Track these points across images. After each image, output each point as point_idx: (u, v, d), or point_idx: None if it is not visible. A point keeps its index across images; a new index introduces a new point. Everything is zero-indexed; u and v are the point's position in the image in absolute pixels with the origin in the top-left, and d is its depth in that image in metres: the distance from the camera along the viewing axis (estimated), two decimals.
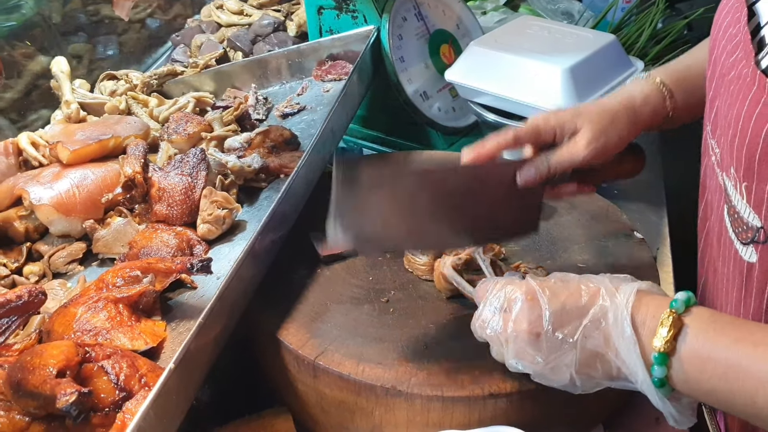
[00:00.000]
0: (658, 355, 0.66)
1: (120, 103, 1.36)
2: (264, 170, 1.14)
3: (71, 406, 0.64)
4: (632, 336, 0.68)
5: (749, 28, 0.70)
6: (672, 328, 0.66)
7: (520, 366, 0.73)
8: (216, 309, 0.79)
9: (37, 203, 1.07)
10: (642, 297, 0.70)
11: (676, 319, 0.66)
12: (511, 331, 0.73)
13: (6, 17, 1.57)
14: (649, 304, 0.69)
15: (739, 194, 0.70)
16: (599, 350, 0.70)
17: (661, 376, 0.66)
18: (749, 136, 0.66)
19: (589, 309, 0.71)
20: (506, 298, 0.75)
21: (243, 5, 1.82)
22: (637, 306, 0.69)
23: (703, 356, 0.64)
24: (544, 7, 1.76)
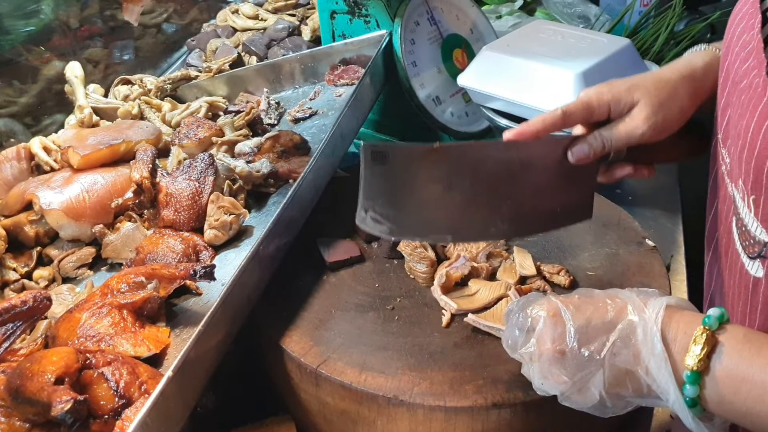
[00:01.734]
0: (690, 374, 0.63)
1: (133, 107, 1.37)
2: (273, 175, 1.14)
3: (66, 413, 0.64)
4: (663, 353, 0.65)
5: (762, 35, 0.67)
6: (706, 346, 0.63)
7: (546, 387, 0.71)
8: (217, 316, 0.78)
9: (47, 208, 1.07)
10: (672, 313, 0.67)
11: (710, 336, 0.63)
12: (535, 350, 0.70)
13: (25, 22, 1.58)
14: (679, 320, 0.66)
15: (747, 207, 0.67)
16: (629, 367, 0.67)
17: (693, 395, 0.64)
18: (758, 148, 0.63)
19: (617, 324, 0.68)
20: (529, 317, 0.72)
21: (258, 10, 1.83)
22: (668, 322, 0.66)
23: (739, 377, 0.62)
24: (560, 11, 1.74)
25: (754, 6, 0.70)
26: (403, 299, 0.93)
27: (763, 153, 0.63)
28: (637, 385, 0.68)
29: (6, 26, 1.54)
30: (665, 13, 1.59)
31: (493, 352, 0.84)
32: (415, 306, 0.92)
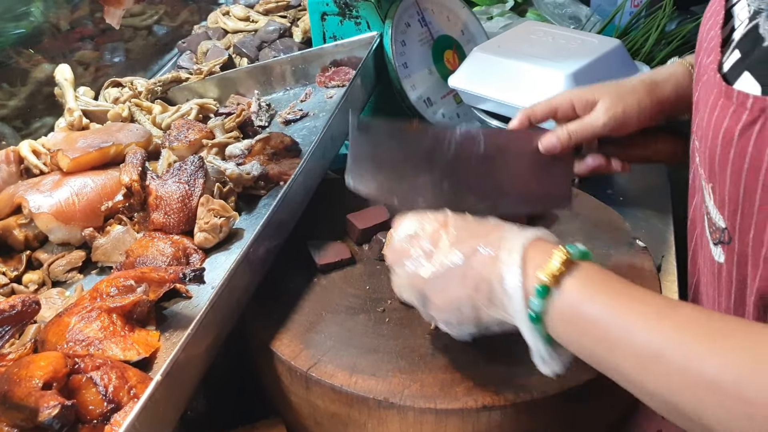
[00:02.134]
0: (540, 287, 0.62)
1: (123, 110, 1.37)
2: (264, 177, 1.13)
3: (53, 419, 0.64)
4: (519, 260, 0.65)
5: (723, 33, 0.71)
6: (561, 265, 0.62)
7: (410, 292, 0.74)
8: (207, 319, 0.78)
9: (37, 211, 1.07)
10: (543, 241, 0.67)
11: (567, 260, 0.63)
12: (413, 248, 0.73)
13: (15, 24, 1.58)
14: (545, 245, 0.66)
15: (708, 194, 0.71)
16: (484, 273, 0.67)
17: (538, 309, 0.63)
18: (710, 137, 0.66)
19: (488, 235, 0.69)
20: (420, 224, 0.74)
21: (249, 11, 1.82)
22: (534, 244, 0.66)
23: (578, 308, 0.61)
24: (552, 12, 1.75)
25: (720, 4, 0.74)
26: (393, 301, 0.92)
27: (714, 142, 0.65)
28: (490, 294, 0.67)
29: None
30: (656, 13, 1.59)
31: (485, 354, 0.84)
32: (406, 308, 0.91)
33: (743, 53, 0.65)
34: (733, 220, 0.67)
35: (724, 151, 0.64)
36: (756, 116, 0.60)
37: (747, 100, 0.61)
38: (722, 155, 0.65)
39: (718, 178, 0.66)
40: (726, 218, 0.68)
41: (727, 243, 0.69)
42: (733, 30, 0.69)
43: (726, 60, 0.67)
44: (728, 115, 0.63)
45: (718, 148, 0.65)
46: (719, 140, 0.64)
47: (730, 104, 0.63)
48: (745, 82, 0.63)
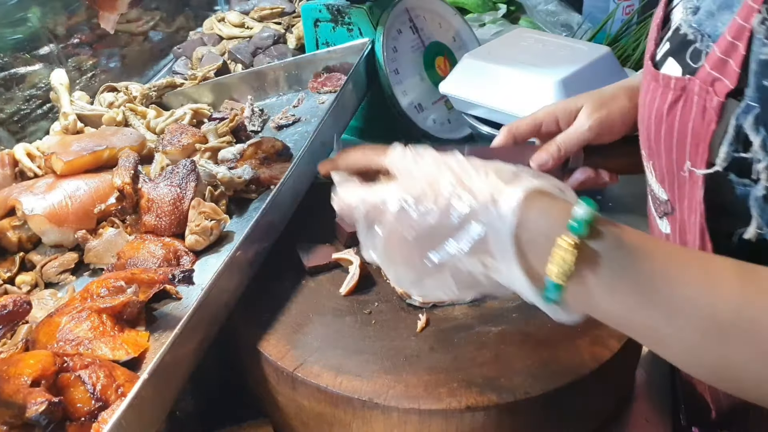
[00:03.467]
0: (553, 284, 0.56)
1: (117, 114, 1.38)
2: (255, 181, 1.15)
3: (41, 415, 0.65)
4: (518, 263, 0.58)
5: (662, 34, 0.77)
6: (574, 258, 0.55)
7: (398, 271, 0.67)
8: (194, 320, 0.79)
9: (30, 213, 1.08)
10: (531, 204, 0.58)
11: (579, 245, 0.55)
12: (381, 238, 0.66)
13: (12, 30, 1.59)
14: (539, 217, 0.58)
15: (649, 172, 0.76)
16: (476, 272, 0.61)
17: (555, 299, 0.57)
18: (645, 118, 0.72)
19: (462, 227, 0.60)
20: None
21: (244, 18, 1.84)
22: (525, 218, 0.57)
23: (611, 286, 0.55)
24: (544, 19, 1.76)
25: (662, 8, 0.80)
26: (380, 304, 0.94)
27: (649, 122, 0.71)
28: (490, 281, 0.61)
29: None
30: (646, 21, 1.61)
31: (469, 355, 0.85)
32: (392, 310, 0.93)
33: (671, 45, 0.72)
34: (672, 191, 0.72)
35: (657, 128, 0.70)
36: (678, 95, 0.66)
37: (670, 81, 0.67)
38: (656, 133, 0.70)
39: (656, 155, 0.72)
40: (666, 190, 0.73)
41: (671, 213, 0.74)
42: (668, 31, 0.76)
43: (658, 51, 0.74)
44: (657, 97, 0.69)
45: (653, 126, 0.70)
46: (652, 120, 0.70)
47: (658, 87, 0.69)
48: (670, 66, 0.70)
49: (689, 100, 0.65)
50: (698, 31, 0.67)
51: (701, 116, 0.63)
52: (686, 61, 0.68)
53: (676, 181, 0.70)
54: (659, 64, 0.73)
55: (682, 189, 0.70)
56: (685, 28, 0.69)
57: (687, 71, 0.67)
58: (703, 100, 0.63)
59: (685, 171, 0.67)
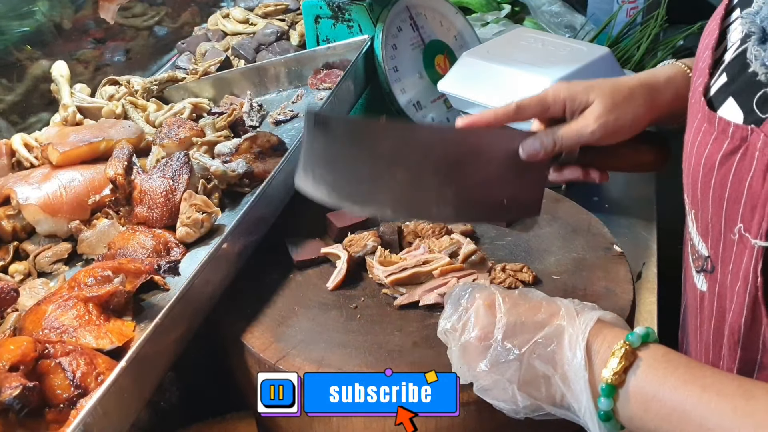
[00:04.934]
0: (605, 386, 0.63)
1: (117, 107, 1.39)
2: (249, 175, 1.15)
3: (14, 399, 0.65)
4: (583, 361, 0.64)
5: (716, 54, 0.68)
6: (623, 360, 0.62)
7: (464, 370, 0.71)
8: (176, 310, 0.80)
9: (24, 203, 1.09)
10: (602, 327, 0.67)
11: (629, 351, 0.63)
12: (461, 334, 0.71)
13: (19, 23, 1.60)
14: (607, 334, 0.66)
15: (691, 221, 0.69)
16: (546, 371, 0.67)
17: (606, 408, 0.63)
18: (693, 163, 0.64)
19: (545, 326, 0.68)
20: (467, 301, 0.73)
21: (248, 14, 1.85)
22: (595, 334, 0.66)
23: (649, 394, 0.61)
24: (548, 20, 1.76)
25: (716, 23, 0.70)
26: (366, 299, 0.94)
27: (696, 168, 0.63)
28: (551, 390, 0.67)
29: (1, 27, 1.56)
30: (648, 23, 1.60)
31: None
32: (378, 306, 0.93)
33: (730, 77, 0.63)
34: (716, 250, 0.65)
35: (706, 178, 0.62)
36: (737, 145, 0.58)
37: (729, 127, 0.59)
38: (704, 182, 0.63)
39: (701, 206, 0.65)
40: (709, 247, 0.66)
41: (710, 272, 0.67)
42: (725, 52, 0.67)
43: (714, 83, 0.65)
44: (710, 142, 0.61)
45: (700, 174, 0.63)
46: (701, 167, 0.63)
47: (712, 130, 0.61)
48: (729, 108, 0.61)
49: (749, 154, 0.57)
50: None
51: (762, 176, 0.56)
52: (752, 106, 0.59)
53: (722, 240, 0.63)
54: (716, 102, 0.63)
55: (728, 252, 0.63)
56: (757, 66, 0.59)
57: (751, 120, 0.58)
58: (766, 158, 0.55)
59: (735, 234, 0.60)
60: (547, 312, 0.69)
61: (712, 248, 0.65)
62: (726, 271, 0.64)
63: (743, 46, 0.62)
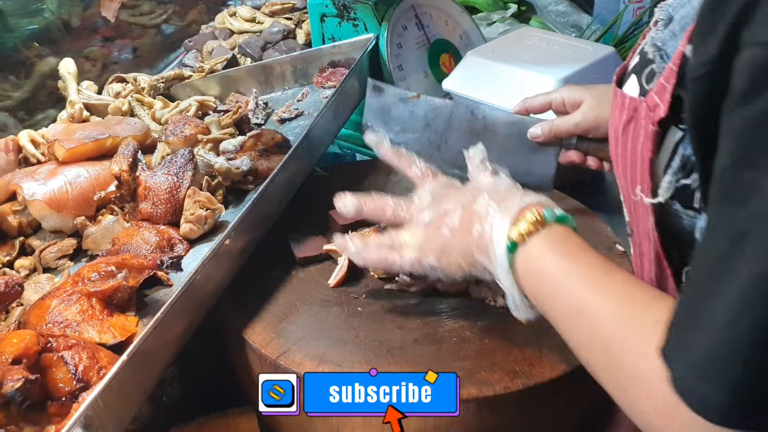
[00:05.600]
0: (510, 243, 0.70)
1: (123, 104, 1.40)
2: (252, 173, 1.15)
3: (16, 391, 0.66)
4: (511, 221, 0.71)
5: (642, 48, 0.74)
6: (530, 226, 0.69)
7: None
8: (177, 305, 0.80)
9: (30, 198, 1.10)
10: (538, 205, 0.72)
11: (539, 221, 0.69)
12: None
13: (28, 20, 1.62)
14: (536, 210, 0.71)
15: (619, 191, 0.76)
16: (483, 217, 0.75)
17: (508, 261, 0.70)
18: (611, 137, 0.72)
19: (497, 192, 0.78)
20: None
21: (255, 13, 1.85)
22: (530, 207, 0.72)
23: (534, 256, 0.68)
24: (554, 20, 1.76)
25: None
26: (368, 296, 0.94)
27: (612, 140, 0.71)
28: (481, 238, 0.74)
29: (10, 24, 1.57)
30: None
31: (452, 349, 0.85)
32: (379, 303, 0.93)
33: (640, 58, 0.70)
34: (630, 213, 0.72)
35: (616, 147, 0.70)
36: (631, 116, 0.66)
37: (625, 99, 0.67)
38: (615, 152, 0.71)
39: (618, 175, 0.72)
40: (626, 212, 0.74)
41: (630, 235, 0.75)
42: None
43: (630, 64, 0.73)
44: (617, 115, 0.69)
45: (613, 144, 0.71)
46: (613, 137, 0.71)
47: (618, 104, 0.69)
48: (631, 84, 0.69)
49: (638, 122, 0.65)
50: (658, 51, 0.65)
51: (647, 141, 0.63)
52: (641, 80, 0.67)
53: (631, 204, 0.70)
54: (624, 80, 0.71)
55: (637, 213, 0.69)
56: (648, 46, 0.67)
57: (641, 92, 0.66)
58: (647, 125, 0.63)
59: (637, 196, 0.67)
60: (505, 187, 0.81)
61: (629, 212, 0.73)
62: (638, 232, 0.71)
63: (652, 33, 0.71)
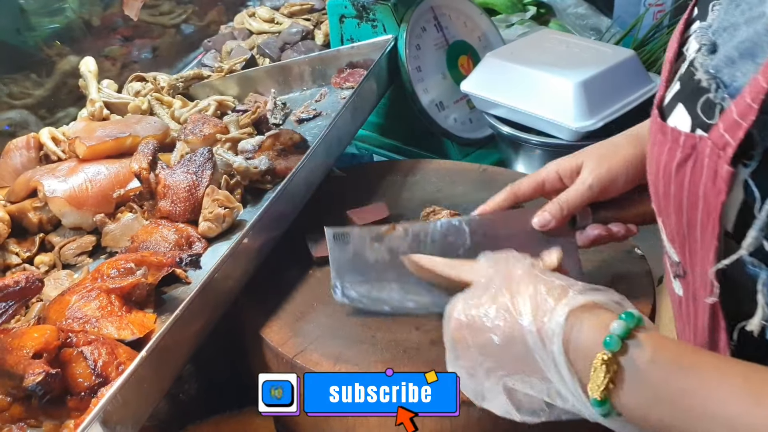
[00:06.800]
0: (596, 401, 0.60)
1: (143, 103, 1.41)
2: (270, 172, 1.16)
3: (37, 385, 0.67)
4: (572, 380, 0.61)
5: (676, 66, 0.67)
6: (606, 375, 0.59)
7: None
8: (196, 303, 0.81)
9: (51, 195, 1.11)
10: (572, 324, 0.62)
11: (610, 362, 0.59)
12: None
13: (50, 19, 1.63)
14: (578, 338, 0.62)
15: (660, 228, 0.68)
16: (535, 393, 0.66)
17: (605, 413, 0.60)
18: (653, 172, 0.65)
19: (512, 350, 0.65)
20: None
21: (274, 14, 1.86)
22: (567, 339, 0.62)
23: (644, 404, 0.58)
24: (573, 22, 1.75)
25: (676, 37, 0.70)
26: None
27: (657, 177, 0.64)
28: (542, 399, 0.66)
29: (32, 23, 1.59)
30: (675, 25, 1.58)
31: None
32: None
33: (681, 85, 0.63)
34: (683, 255, 0.64)
35: (666, 186, 0.62)
36: (688, 153, 0.58)
37: (679, 136, 0.59)
38: (665, 190, 0.63)
39: (665, 213, 0.65)
40: (678, 252, 0.65)
41: (683, 276, 0.66)
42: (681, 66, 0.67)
43: (668, 93, 0.66)
44: (665, 152, 0.62)
45: (661, 183, 0.63)
46: (661, 175, 0.63)
47: (665, 141, 0.62)
48: (679, 114, 0.62)
49: (699, 161, 0.57)
50: (714, 79, 0.58)
51: (712, 182, 0.56)
52: (697, 112, 0.59)
53: (687, 244, 0.62)
54: (667, 110, 0.64)
55: (695, 256, 0.62)
56: (700, 73, 0.59)
57: (697, 124, 0.59)
58: (714, 165, 0.55)
59: (698, 237, 0.59)
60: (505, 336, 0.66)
61: (680, 254, 0.65)
62: (695, 274, 0.63)
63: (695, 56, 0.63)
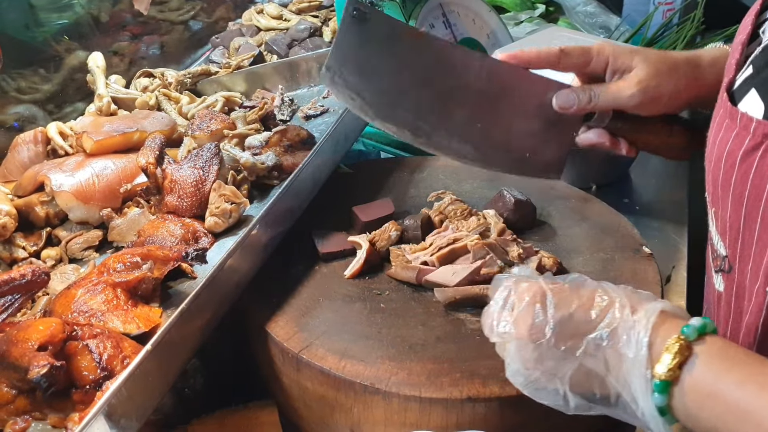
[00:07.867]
0: (659, 383, 0.59)
1: (150, 98, 1.40)
2: (277, 168, 1.15)
3: (42, 377, 0.66)
4: (645, 360, 0.60)
5: (749, 50, 0.66)
6: (678, 356, 0.59)
7: (514, 369, 0.68)
8: (202, 297, 0.80)
9: (58, 190, 1.10)
10: (664, 319, 0.62)
11: (684, 346, 0.59)
12: (510, 331, 0.66)
13: (58, 15, 1.63)
14: (666, 328, 0.61)
15: (711, 219, 0.66)
16: (599, 371, 0.63)
17: (661, 404, 0.60)
18: (714, 159, 0.62)
19: (598, 323, 0.63)
20: (514, 295, 0.68)
21: (282, 10, 1.86)
22: (656, 329, 0.61)
23: (705, 392, 0.58)
24: (582, 21, 1.74)
25: (750, 20, 0.69)
26: (392, 292, 0.94)
27: (717, 165, 0.62)
28: (605, 391, 0.64)
29: (41, 19, 1.59)
30: (684, 24, 1.58)
31: (474, 347, 0.84)
32: (403, 300, 0.93)
33: (755, 69, 0.61)
34: (733, 249, 0.63)
35: (727, 174, 0.60)
36: (759, 141, 0.56)
37: (750, 123, 0.57)
38: (725, 179, 0.61)
39: (721, 203, 0.63)
40: (727, 246, 0.64)
41: (727, 272, 0.65)
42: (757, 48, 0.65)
43: (739, 76, 0.63)
44: (731, 138, 0.59)
45: (721, 171, 0.61)
46: (722, 163, 0.61)
47: (734, 126, 0.59)
48: (751, 100, 0.59)
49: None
50: None
51: None
52: None
53: (741, 238, 0.61)
54: (738, 95, 0.61)
55: (747, 250, 0.60)
56: None
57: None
58: None
59: (756, 232, 0.58)
60: (600, 306, 0.64)
61: (730, 247, 0.63)
62: (745, 271, 0.62)
63: None
